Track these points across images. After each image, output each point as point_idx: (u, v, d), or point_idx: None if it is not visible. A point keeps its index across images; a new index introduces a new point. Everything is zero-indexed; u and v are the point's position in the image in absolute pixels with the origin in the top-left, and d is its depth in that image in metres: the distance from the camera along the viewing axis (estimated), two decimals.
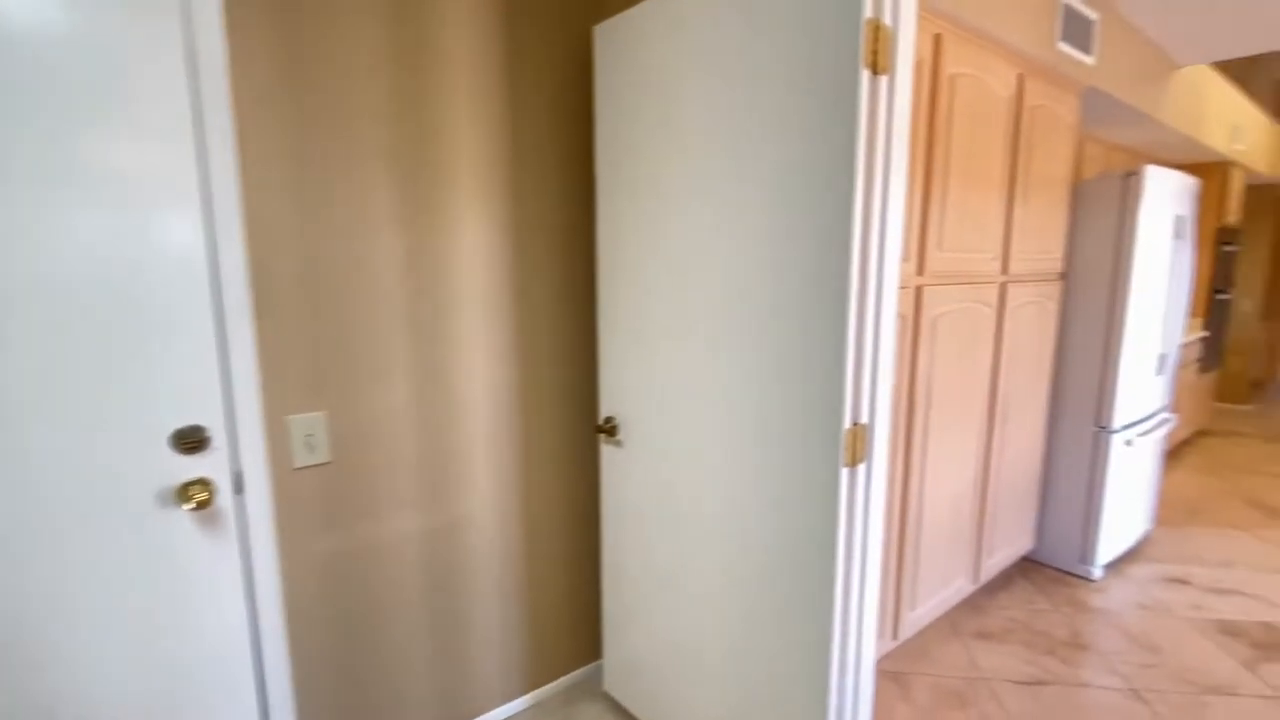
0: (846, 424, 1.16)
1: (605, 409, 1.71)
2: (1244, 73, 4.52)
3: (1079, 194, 2.55)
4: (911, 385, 1.92)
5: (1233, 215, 4.74)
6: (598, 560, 1.97)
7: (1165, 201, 2.54)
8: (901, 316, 1.82)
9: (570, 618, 1.96)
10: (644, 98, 1.44)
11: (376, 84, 1.41)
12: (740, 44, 1.21)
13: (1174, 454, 4.38)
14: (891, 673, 2.06)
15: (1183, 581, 2.64)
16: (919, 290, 1.87)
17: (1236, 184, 4.67)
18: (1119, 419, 2.55)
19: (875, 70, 1.07)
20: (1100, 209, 2.50)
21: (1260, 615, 2.38)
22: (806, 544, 1.25)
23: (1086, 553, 2.65)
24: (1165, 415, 2.93)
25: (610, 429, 1.67)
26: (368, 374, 1.48)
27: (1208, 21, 2.77)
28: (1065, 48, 2.22)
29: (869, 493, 1.24)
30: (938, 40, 1.78)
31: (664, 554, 1.60)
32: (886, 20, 1.07)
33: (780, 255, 1.21)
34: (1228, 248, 4.70)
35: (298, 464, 1.41)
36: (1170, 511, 3.38)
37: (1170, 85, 3.22)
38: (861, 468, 1.22)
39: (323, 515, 1.46)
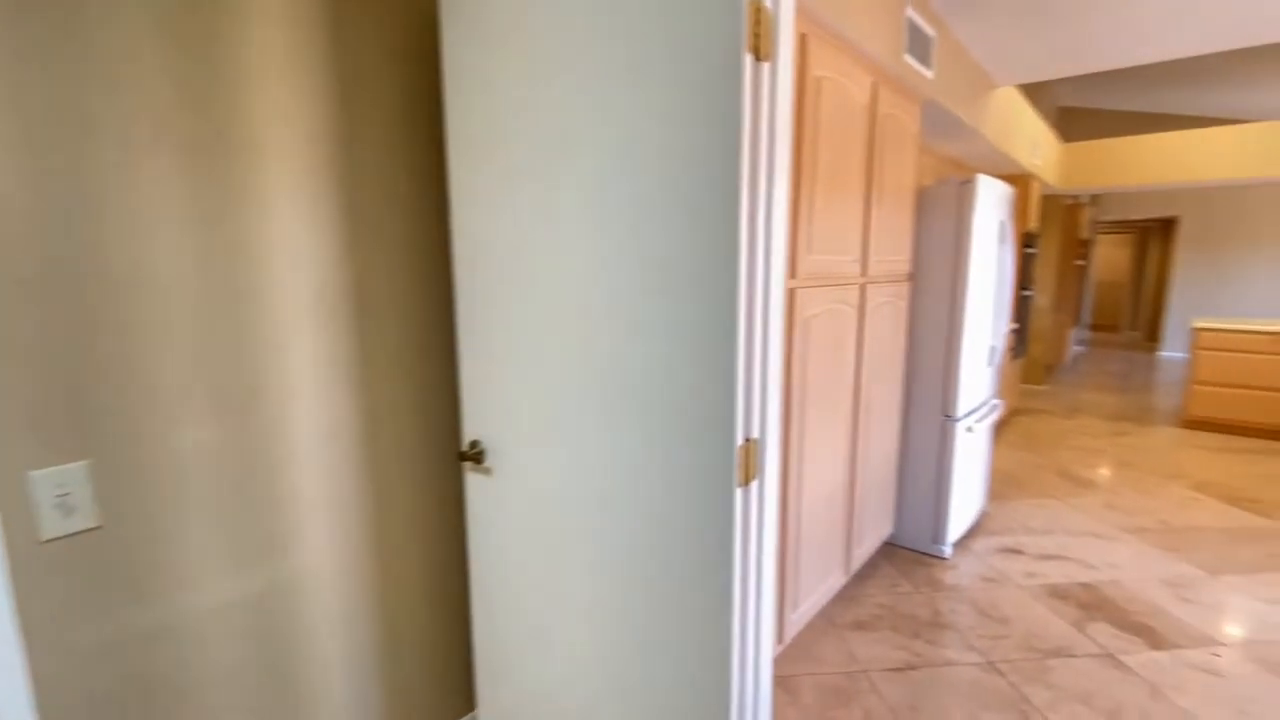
0: (739, 440, 1.07)
1: (469, 432, 1.49)
2: (1033, 95, 5.22)
3: (921, 200, 2.73)
4: (788, 389, 1.91)
5: (1033, 222, 5.46)
6: (467, 604, 1.75)
7: (992, 207, 2.79)
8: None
9: (438, 671, 1.71)
10: (502, 70, 1.25)
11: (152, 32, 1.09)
12: (614, 20, 1.07)
13: (996, 433, 4.95)
14: (779, 678, 2.05)
15: (1016, 551, 2.94)
16: (792, 293, 1.86)
17: (1035, 194, 5.38)
18: (962, 407, 2.77)
19: (758, 55, 0.98)
20: (940, 213, 2.69)
21: (1080, 577, 2.70)
22: (700, 572, 1.14)
23: (938, 533, 2.86)
24: (994, 401, 3.26)
25: (476, 455, 1.47)
26: (154, 408, 1.15)
27: (1020, 47, 3.11)
28: (910, 60, 2.34)
29: (763, 511, 1.16)
30: (804, 40, 1.77)
31: (542, 593, 1.42)
32: (767, 3, 0.99)
33: (660, 255, 1.09)
34: (1029, 250, 5.40)
35: (46, 535, 1.06)
36: (999, 486, 3.78)
37: (990, 103, 3.59)
38: (755, 485, 1.13)
39: (92, 597, 1.11)
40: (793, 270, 1.86)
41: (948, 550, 2.86)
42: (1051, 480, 3.89)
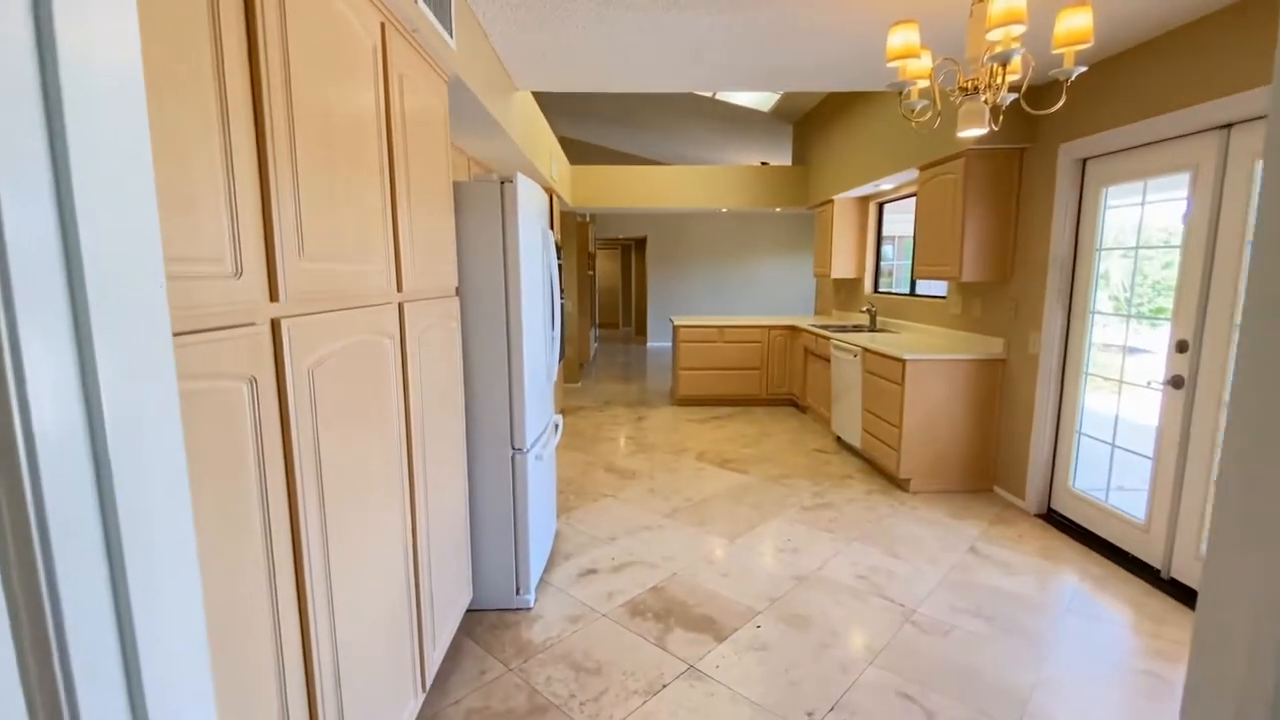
0: None
1: None
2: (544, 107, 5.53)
3: (460, 198, 2.27)
4: (289, 470, 1.13)
5: (558, 235, 5.82)
6: None
7: (534, 211, 2.55)
8: (252, 379, 1.00)
9: None
10: None
11: None
12: None
13: None
14: None
15: (593, 571, 2.83)
16: (275, 327, 1.09)
17: (557, 208, 5.73)
18: (529, 435, 2.46)
19: None
20: (482, 215, 2.28)
21: (649, 580, 2.74)
22: None
23: (521, 582, 2.50)
24: (556, 418, 3.11)
25: None
26: None
27: (530, 50, 2.97)
28: (426, 10, 1.81)
29: None
30: None
31: None
32: None
33: None
34: (558, 261, 5.74)
35: None
36: (561, 498, 3.75)
37: (514, 104, 3.41)
38: None
39: None
40: (272, 288, 1.08)
41: (531, 598, 2.53)
42: (602, 479, 4.10)
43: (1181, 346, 2.65)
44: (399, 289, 1.66)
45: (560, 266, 5.78)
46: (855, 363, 4.43)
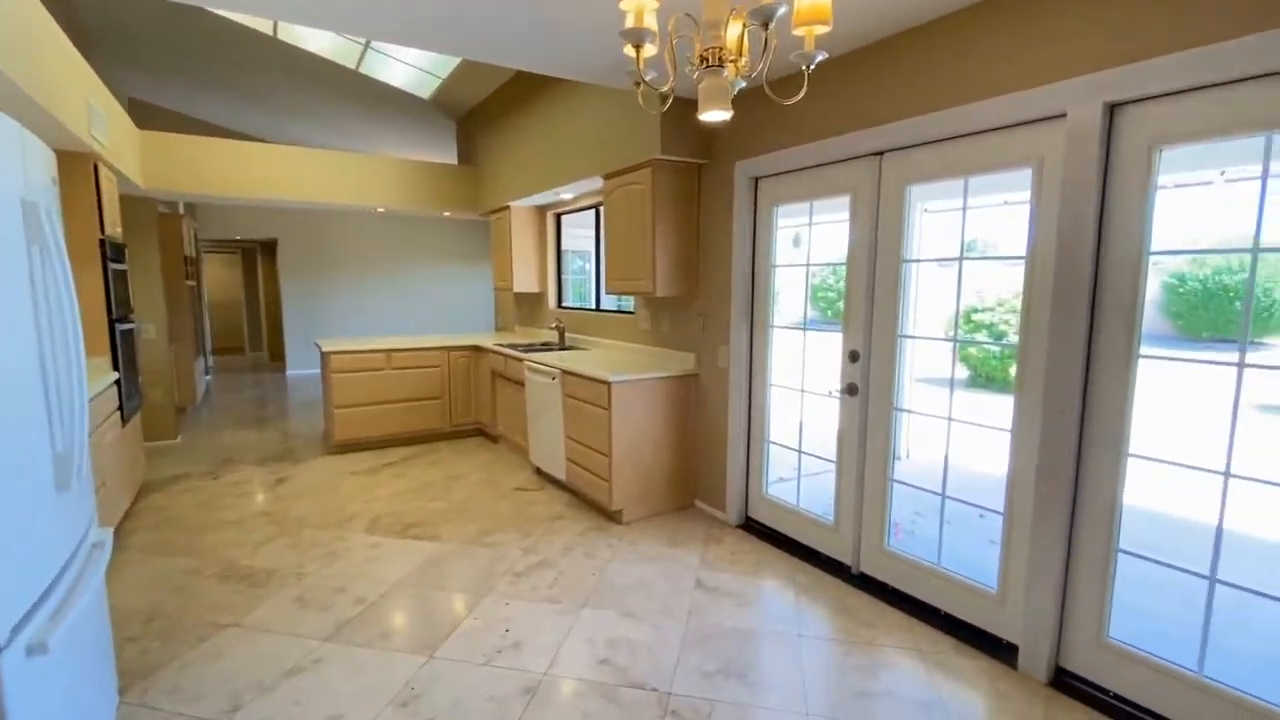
0: None
1: None
2: (99, 73, 3.65)
3: None
4: None
5: (117, 227, 3.91)
6: None
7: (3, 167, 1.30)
8: None
9: None
10: None
11: None
12: None
13: (118, 541, 3.30)
14: None
15: None
16: None
17: (111, 189, 3.84)
18: (16, 611, 1.22)
19: None
20: None
21: None
22: None
23: None
24: (99, 535, 1.79)
25: None
26: None
27: None
28: None
29: None
30: None
31: None
32: None
33: None
34: (118, 266, 3.86)
35: None
36: (134, 653, 2.31)
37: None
38: None
39: None
40: None
41: None
42: (216, 595, 2.72)
43: (853, 356, 2.86)
44: None
45: (122, 275, 3.91)
46: (554, 386, 3.97)
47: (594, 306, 5.17)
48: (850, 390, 2.87)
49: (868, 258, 2.75)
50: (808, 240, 3.12)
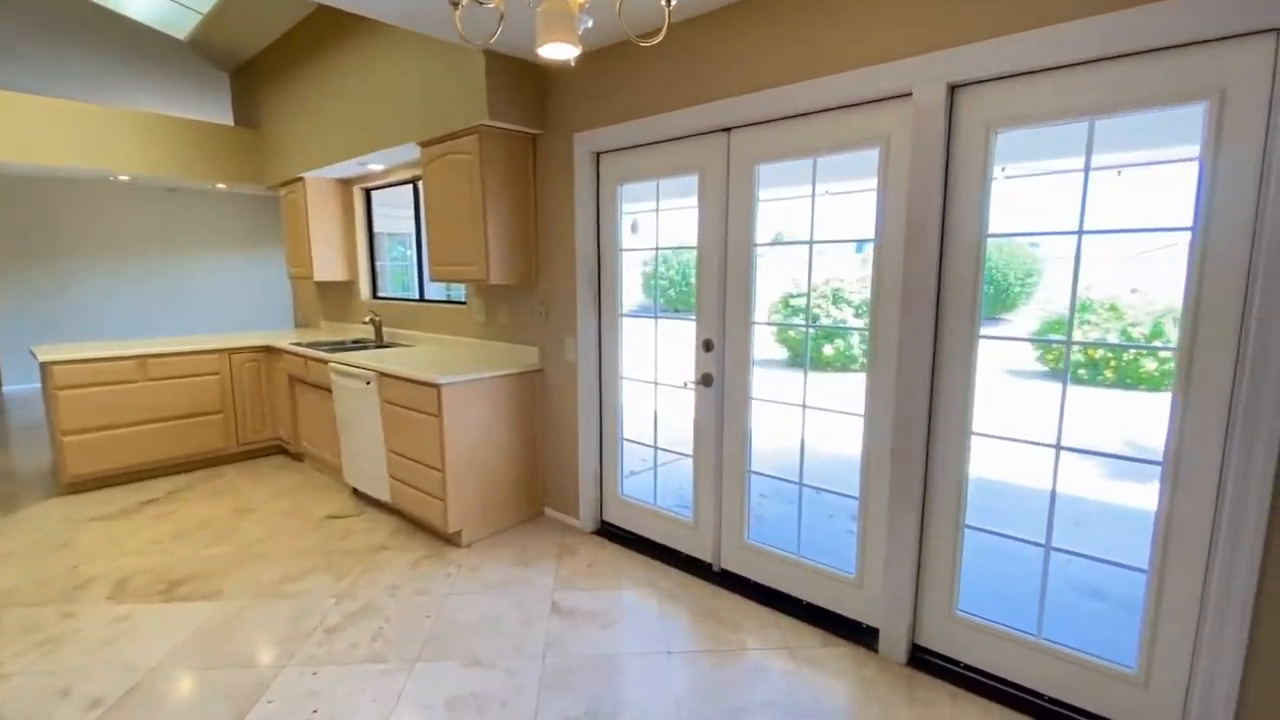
0: None
1: None
2: None
3: None
4: None
5: None
6: None
7: None
8: None
9: None
10: None
11: None
12: None
13: None
14: None
15: None
16: None
17: None
18: None
19: None
20: None
21: None
22: None
23: None
24: None
25: None
26: None
27: None
28: None
29: None
30: None
31: None
32: None
33: None
34: None
35: None
36: None
37: None
38: None
39: None
40: None
41: None
42: None
43: (707, 346, 2.70)
44: None
45: None
46: (369, 391, 3.36)
47: (418, 296, 4.55)
48: (705, 381, 2.72)
49: (719, 241, 2.60)
50: (654, 224, 2.91)
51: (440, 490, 3.01)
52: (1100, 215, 1.81)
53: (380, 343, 4.36)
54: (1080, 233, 1.81)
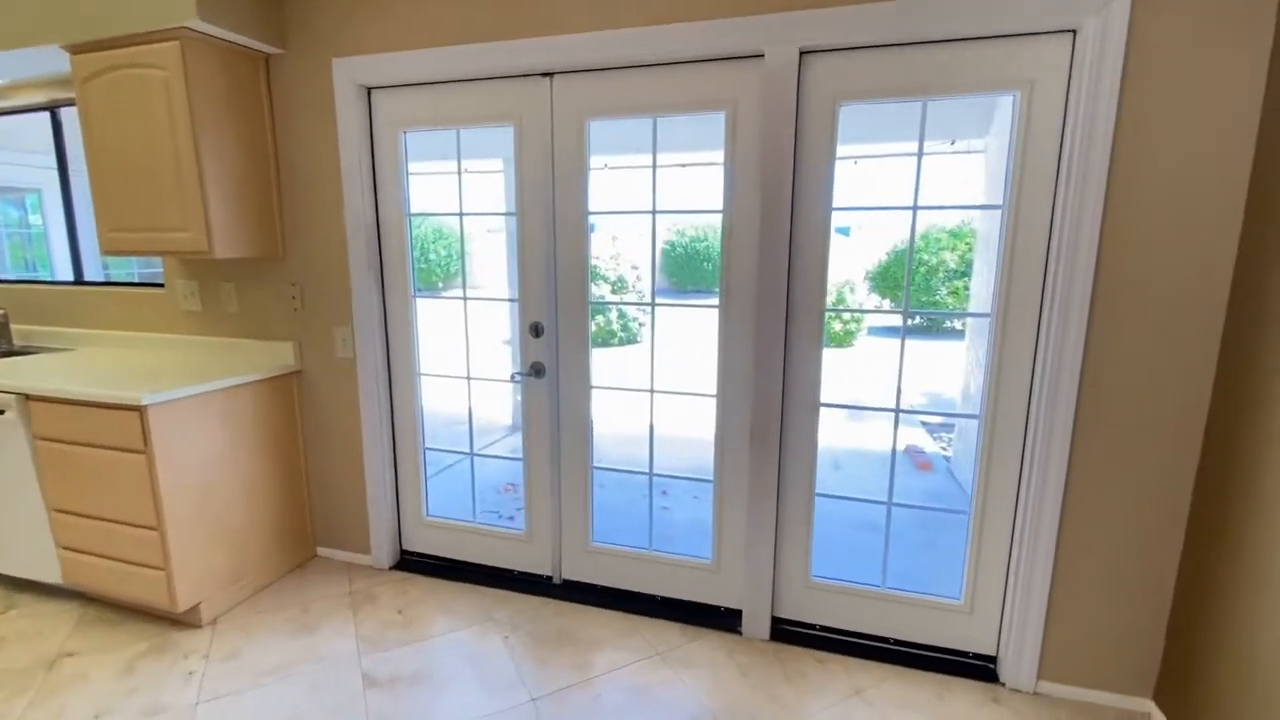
0: None
1: None
2: None
3: None
4: None
5: None
6: None
7: None
8: None
9: None
10: None
11: None
12: None
13: None
14: None
15: None
16: None
17: None
18: None
19: None
20: None
21: None
22: None
23: None
24: None
25: None
26: None
27: None
28: None
29: None
30: None
31: None
32: None
33: None
34: None
35: None
36: None
37: None
38: None
39: None
40: None
41: None
42: None
43: (536, 330, 2.32)
44: None
45: None
46: (9, 425, 2.18)
47: (71, 279, 3.16)
48: (536, 370, 2.34)
49: (544, 206, 2.22)
50: (457, 186, 2.38)
51: (158, 555, 2.09)
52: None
53: (9, 349, 2.92)
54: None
